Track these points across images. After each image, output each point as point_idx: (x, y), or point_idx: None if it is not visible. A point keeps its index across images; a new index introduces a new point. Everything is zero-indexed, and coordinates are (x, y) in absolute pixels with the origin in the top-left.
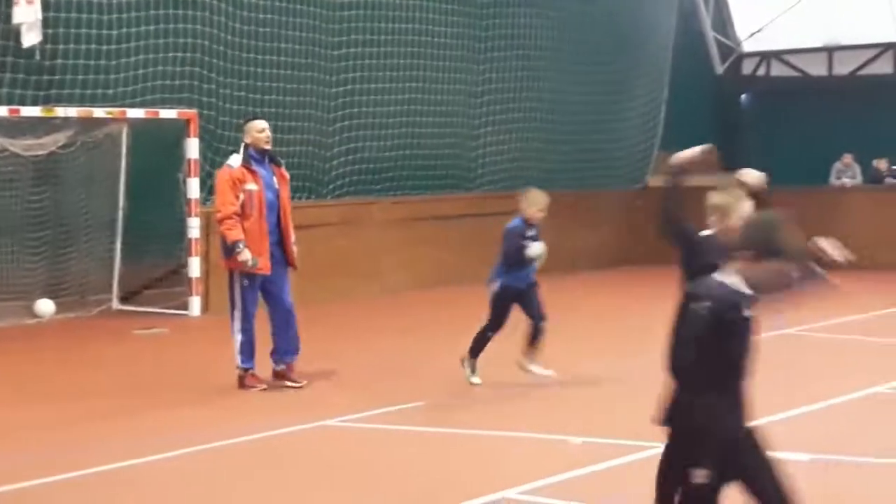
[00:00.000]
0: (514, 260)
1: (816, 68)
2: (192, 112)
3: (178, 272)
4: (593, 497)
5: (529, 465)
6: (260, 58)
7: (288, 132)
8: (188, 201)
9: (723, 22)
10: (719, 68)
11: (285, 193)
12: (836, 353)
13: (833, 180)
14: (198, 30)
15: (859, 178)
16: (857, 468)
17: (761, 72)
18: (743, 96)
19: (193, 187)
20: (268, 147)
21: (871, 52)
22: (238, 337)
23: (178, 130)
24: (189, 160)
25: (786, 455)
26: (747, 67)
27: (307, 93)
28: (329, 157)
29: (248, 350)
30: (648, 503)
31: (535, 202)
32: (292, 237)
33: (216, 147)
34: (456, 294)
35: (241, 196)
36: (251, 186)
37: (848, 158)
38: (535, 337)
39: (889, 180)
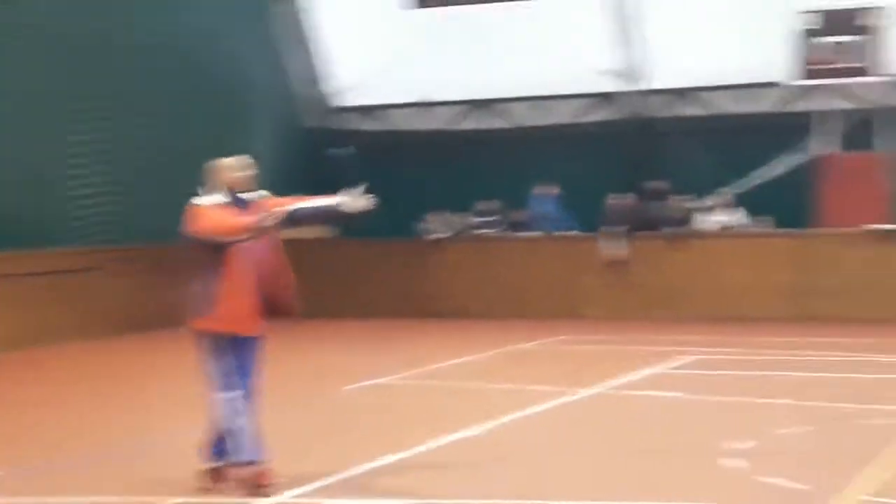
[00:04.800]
0: None
1: (408, 123)
2: None
3: None
4: None
5: None
6: None
7: None
8: None
9: (314, 77)
10: (311, 122)
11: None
12: (432, 399)
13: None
14: None
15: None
16: None
17: (354, 126)
18: (333, 150)
19: None
20: (246, 190)
21: (458, 109)
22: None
23: None
24: None
25: (391, 502)
26: (341, 122)
27: None
28: None
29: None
30: None
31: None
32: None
33: None
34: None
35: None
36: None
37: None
38: None
39: (477, 231)
